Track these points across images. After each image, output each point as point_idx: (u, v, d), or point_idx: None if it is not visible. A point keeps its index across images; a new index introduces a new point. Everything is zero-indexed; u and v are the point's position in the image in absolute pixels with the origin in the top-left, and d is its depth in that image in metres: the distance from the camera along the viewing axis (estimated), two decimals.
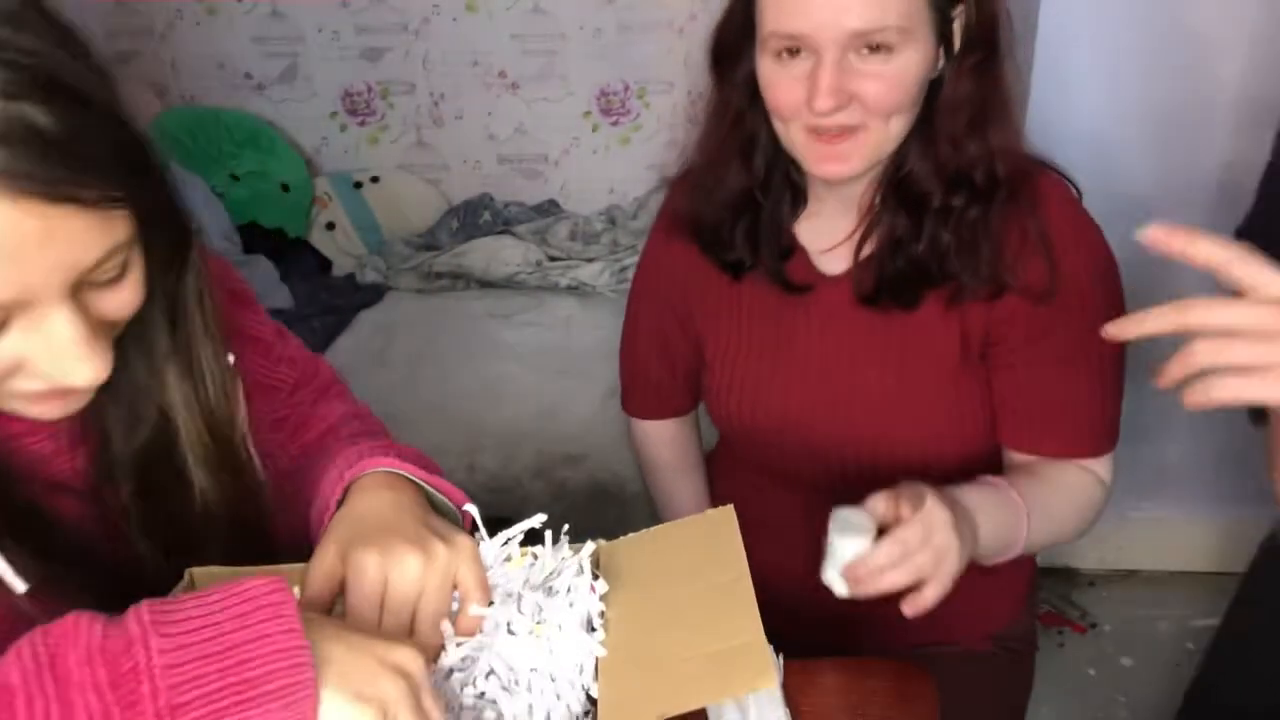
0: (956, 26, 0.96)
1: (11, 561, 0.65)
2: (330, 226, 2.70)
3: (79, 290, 0.59)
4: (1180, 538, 2.03)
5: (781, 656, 0.84)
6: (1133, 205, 1.72)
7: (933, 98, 0.98)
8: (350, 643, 0.59)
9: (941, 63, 0.97)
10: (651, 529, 0.79)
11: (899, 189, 1.01)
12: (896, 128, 0.96)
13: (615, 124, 2.77)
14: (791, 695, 0.81)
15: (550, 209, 2.79)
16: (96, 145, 0.56)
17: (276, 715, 0.54)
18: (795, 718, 0.79)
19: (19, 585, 0.64)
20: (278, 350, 0.90)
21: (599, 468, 1.82)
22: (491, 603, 0.72)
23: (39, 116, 0.53)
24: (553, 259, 2.54)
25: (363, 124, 2.79)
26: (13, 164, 0.52)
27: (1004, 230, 0.99)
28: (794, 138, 0.98)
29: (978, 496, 0.93)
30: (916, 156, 0.99)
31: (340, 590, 0.70)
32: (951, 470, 1.04)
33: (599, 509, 1.80)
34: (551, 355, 2.16)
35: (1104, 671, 1.88)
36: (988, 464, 1.07)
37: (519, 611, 0.72)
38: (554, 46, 2.68)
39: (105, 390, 0.65)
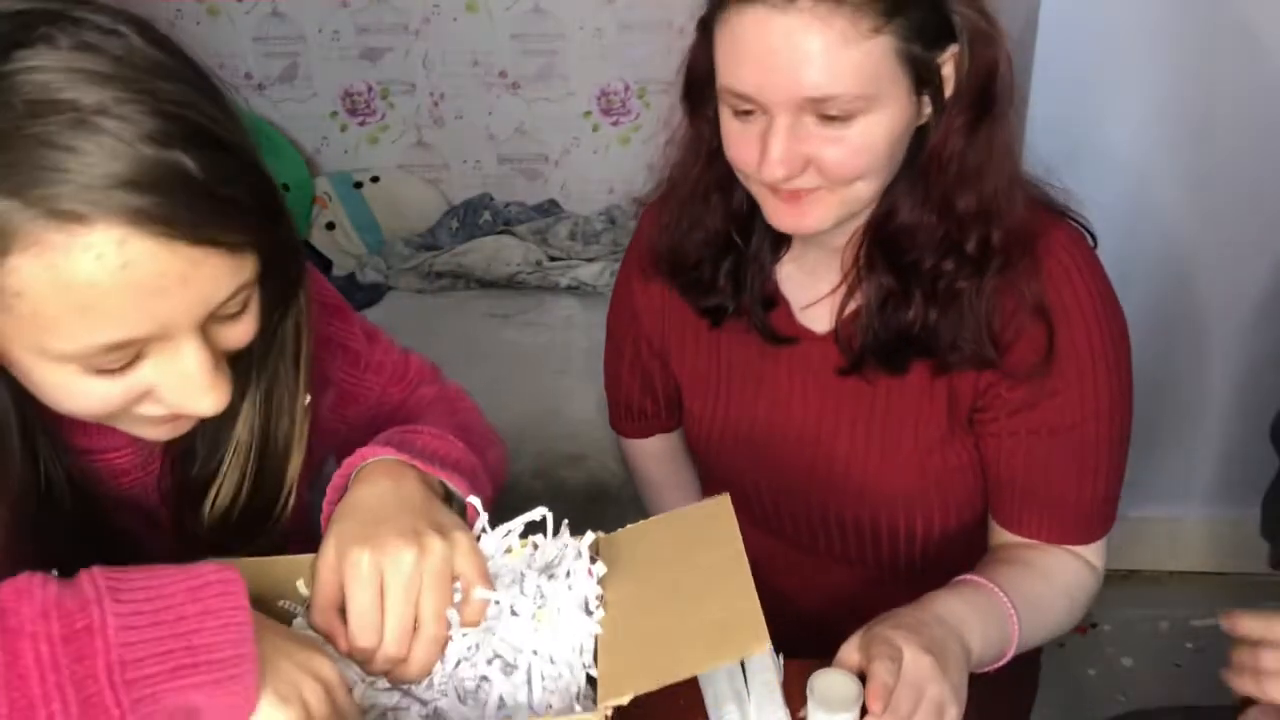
0: (947, 72, 0.86)
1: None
2: (330, 226, 2.70)
3: (206, 324, 0.63)
4: (1180, 538, 2.03)
5: (781, 656, 0.84)
6: (1142, 217, 1.73)
7: (923, 142, 0.88)
8: (277, 645, 0.61)
9: (929, 109, 0.87)
10: (648, 519, 0.81)
11: (885, 248, 0.92)
12: (865, 190, 0.88)
13: (615, 124, 2.77)
14: (792, 696, 0.81)
15: (550, 209, 2.79)
16: (237, 190, 0.59)
17: (222, 685, 0.57)
18: (795, 718, 0.79)
19: None
20: (365, 358, 0.93)
21: (599, 468, 1.82)
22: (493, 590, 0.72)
23: (188, 163, 0.57)
24: (553, 259, 2.54)
25: (363, 124, 2.79)
26: (165, 208, 0.56)
27: (997, 301, 0.90)
28: (753, 189, 0.91)
29: (962, 605, 0.86)
30: (906, 211, 0.90)
31: None
32: (938, 528, 1.02)
33: (598, 509, 1.80)
34: (551, 355, 2.16)
35: (1104, 671, 1.88)
36: (976, 523, 1.04)
37: (521, 593, 0.73)
38: (554, 46, 2.68)
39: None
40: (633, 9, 2.63)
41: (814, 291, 1.00)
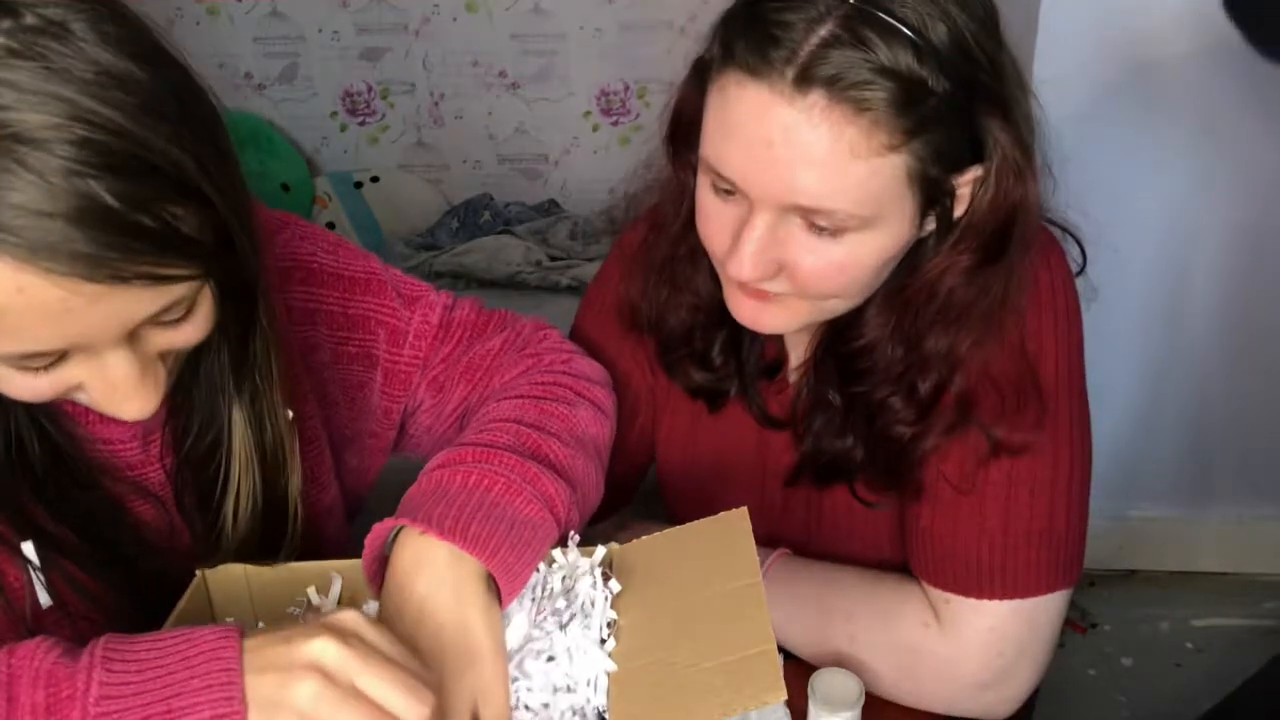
0: (963, 192, 0.74)
1: (73, 560, 0.68)
2: (330, 226, 2.69)
3: (140, 329, 0.60)
4: (1180, 538, 2.03)
5: (782, 657, 0.83)
6: (1141, 219, 1.72)
7: (914, 259, 0.78)
8: (256, 664, 0.58)
9: (931, 225, 0.76)
10: (664, 531, 0.79)
11: (841, 364, 0.82)
12: (840, 306, 0.78)
13: (615, 124, 2.77)
14: (792, 696, 0.80)
15: (550, 209, 2.79)
16: (166, 223, 0.55)
17: None
18: (795, 718, 0.79)
19: (44, 599, 0.66)
20: (404, 330, 0.88)
21: None
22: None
23: (103, 194, 0.52)
24: (553, 259, 2.54)
25: (363, 124, 2.79)
26: (63, 241, 0.52)
27: (940, 453, 0.81)
28: (718, 270, 0.81)
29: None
30: (873, 331, 0.80)
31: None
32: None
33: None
34: None
35: (1104, 671, 1.88)
36: None
37: (538, 626, 0.72)
38: (554, 46, 2.68)
39: (181, 397, 0.68)
40: (633, 9, 2.63)
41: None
